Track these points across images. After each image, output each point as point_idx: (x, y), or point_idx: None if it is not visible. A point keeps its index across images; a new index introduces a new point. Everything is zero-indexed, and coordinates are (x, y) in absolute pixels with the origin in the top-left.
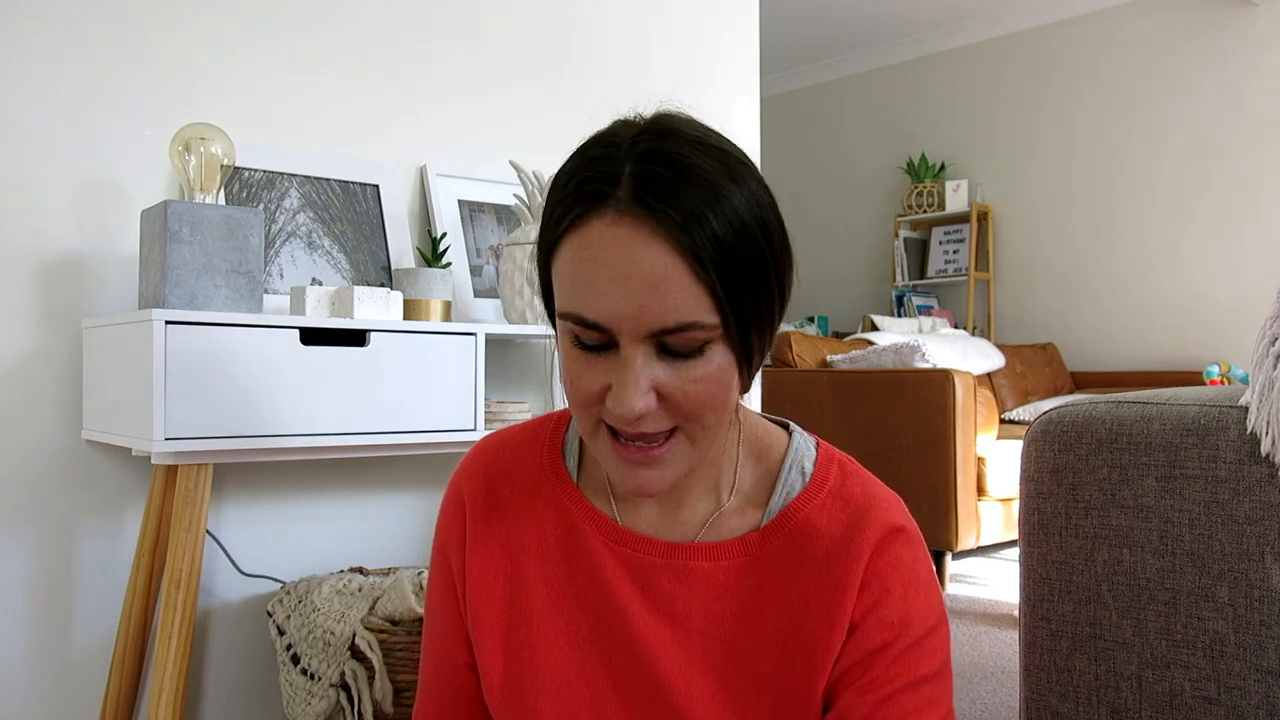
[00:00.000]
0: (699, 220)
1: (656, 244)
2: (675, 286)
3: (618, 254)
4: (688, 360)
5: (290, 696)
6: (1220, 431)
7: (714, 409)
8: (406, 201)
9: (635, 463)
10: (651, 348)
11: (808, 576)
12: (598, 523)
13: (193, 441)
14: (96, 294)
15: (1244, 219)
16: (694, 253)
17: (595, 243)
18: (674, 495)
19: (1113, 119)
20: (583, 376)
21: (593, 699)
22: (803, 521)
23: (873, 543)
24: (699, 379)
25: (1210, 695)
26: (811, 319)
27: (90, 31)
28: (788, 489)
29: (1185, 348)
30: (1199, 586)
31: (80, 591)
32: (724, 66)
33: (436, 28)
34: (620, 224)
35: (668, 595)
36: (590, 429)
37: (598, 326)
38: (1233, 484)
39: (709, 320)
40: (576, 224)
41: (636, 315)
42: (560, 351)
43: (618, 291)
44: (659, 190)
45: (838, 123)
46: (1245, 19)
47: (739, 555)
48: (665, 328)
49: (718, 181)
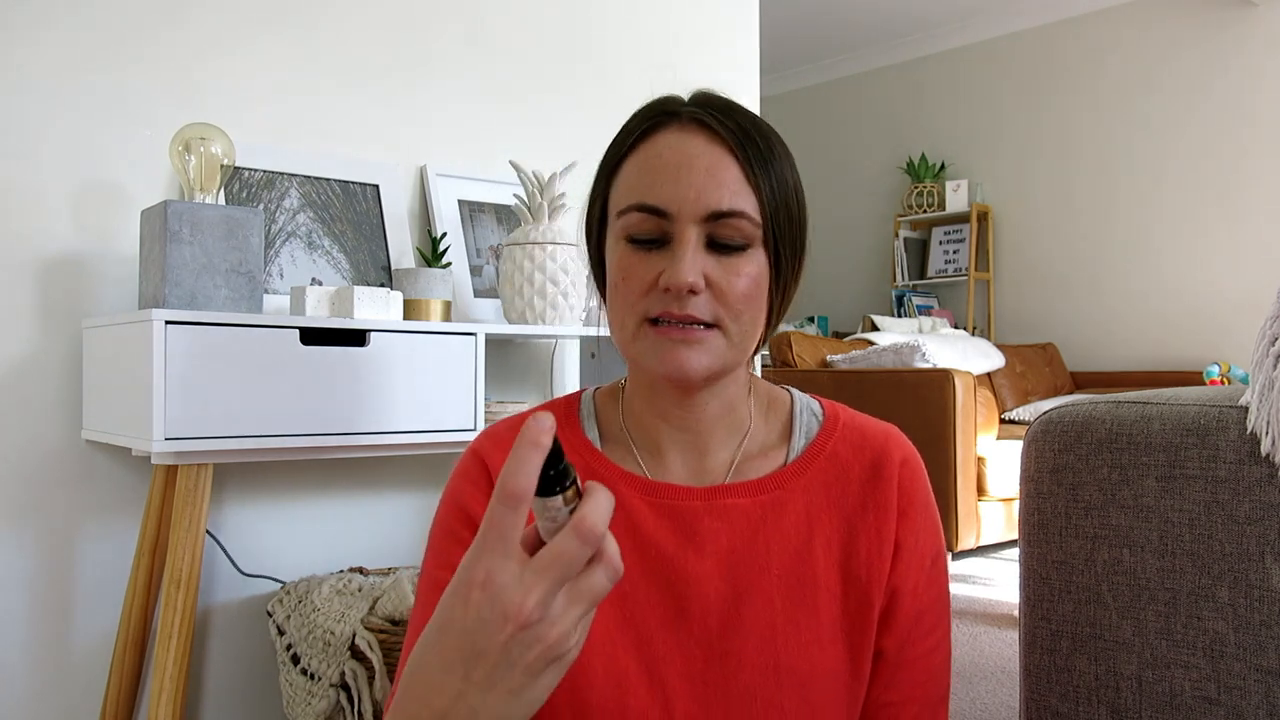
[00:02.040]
0: (749, 136)
1: (715, 145)
2: (729, 177)
3: (680, 150)
4: (732, 255)
5: (290, 696)
6: (1220, 431)
7: (750, 307)
8: (406, 201)
9: (677, 341)
10: (702, 237)
11: (850, 502)
12: (630, 481)
13: (193, 441)
14: (96, 294)
15: (1244, 219)
16: (745, 158)
17: (660, 146)
18: (697, 445)
19: (1113, 119)
20: (636, 268)
21: (639, 650)
22: (831, 453)
23: (897, 468)
24: (741, 273)
25: (1210, 695)
26: (811, 319)
27: (90, 31)
28: (807, 429)
29: (1185, 348)
30: (1199, 586)
31: (80, 591)
32: (724, 66)
33: (437, 28)
34: (684, 131)
35: (713, 533)
36: (634, 328)
37: (658, 210)
38: (1233, 484)
39: (755, 216)
40: (642, 139)
41: (695, 198)
42: (612, 265)
43: (680, 178)
44: (715, 110)
45: (838, 123)
46: (1246, 20)
47: (774, 489)
48: (719, 210)
49: (761, 122)
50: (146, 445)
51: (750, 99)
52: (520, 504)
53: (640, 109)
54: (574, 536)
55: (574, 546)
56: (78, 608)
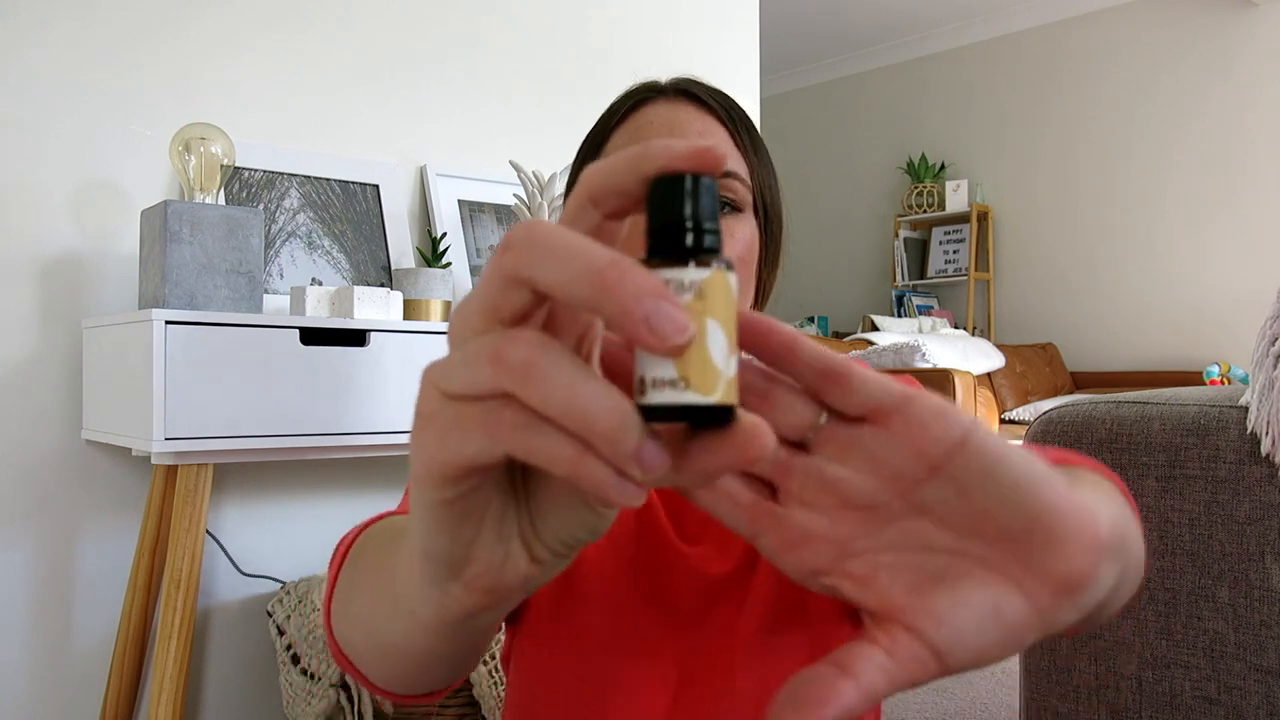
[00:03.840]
0: (736, 110)
1: (704, 114)
2: (718, 139)
3: (670, 118)
4: (725, 217)
5: (290, 696)
6: (1220, 431)
7: (744, 271)
8: (406, 201)
9: None
10: None
11: None
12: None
13: (193, 441)
14: (96, 294)
15: (1244, 219)
16: (734, 129)
17: (649, 116)
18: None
19: (1113, 119)
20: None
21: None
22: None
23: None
24: (735, 235)
25: (1210, 695)
26: (811, 319)
27: (91, 32)
28: None
29: (1185, 348)
30: (1199, 586)
31: (80, 591)
32: (724, 66)
33: (437, 28)
34: (671, 103)
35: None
36: None
37: None
38: (1233, 484)
39: (746, 179)
40: (630, 112)
41: None
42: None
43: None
44: (699, 86)
45: (838, 123)
46: (1248, 21)
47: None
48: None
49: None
50: (146, 445)
51: (750, 99)
52: (587, 206)
53: (624, 91)
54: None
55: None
56: (78, 608)
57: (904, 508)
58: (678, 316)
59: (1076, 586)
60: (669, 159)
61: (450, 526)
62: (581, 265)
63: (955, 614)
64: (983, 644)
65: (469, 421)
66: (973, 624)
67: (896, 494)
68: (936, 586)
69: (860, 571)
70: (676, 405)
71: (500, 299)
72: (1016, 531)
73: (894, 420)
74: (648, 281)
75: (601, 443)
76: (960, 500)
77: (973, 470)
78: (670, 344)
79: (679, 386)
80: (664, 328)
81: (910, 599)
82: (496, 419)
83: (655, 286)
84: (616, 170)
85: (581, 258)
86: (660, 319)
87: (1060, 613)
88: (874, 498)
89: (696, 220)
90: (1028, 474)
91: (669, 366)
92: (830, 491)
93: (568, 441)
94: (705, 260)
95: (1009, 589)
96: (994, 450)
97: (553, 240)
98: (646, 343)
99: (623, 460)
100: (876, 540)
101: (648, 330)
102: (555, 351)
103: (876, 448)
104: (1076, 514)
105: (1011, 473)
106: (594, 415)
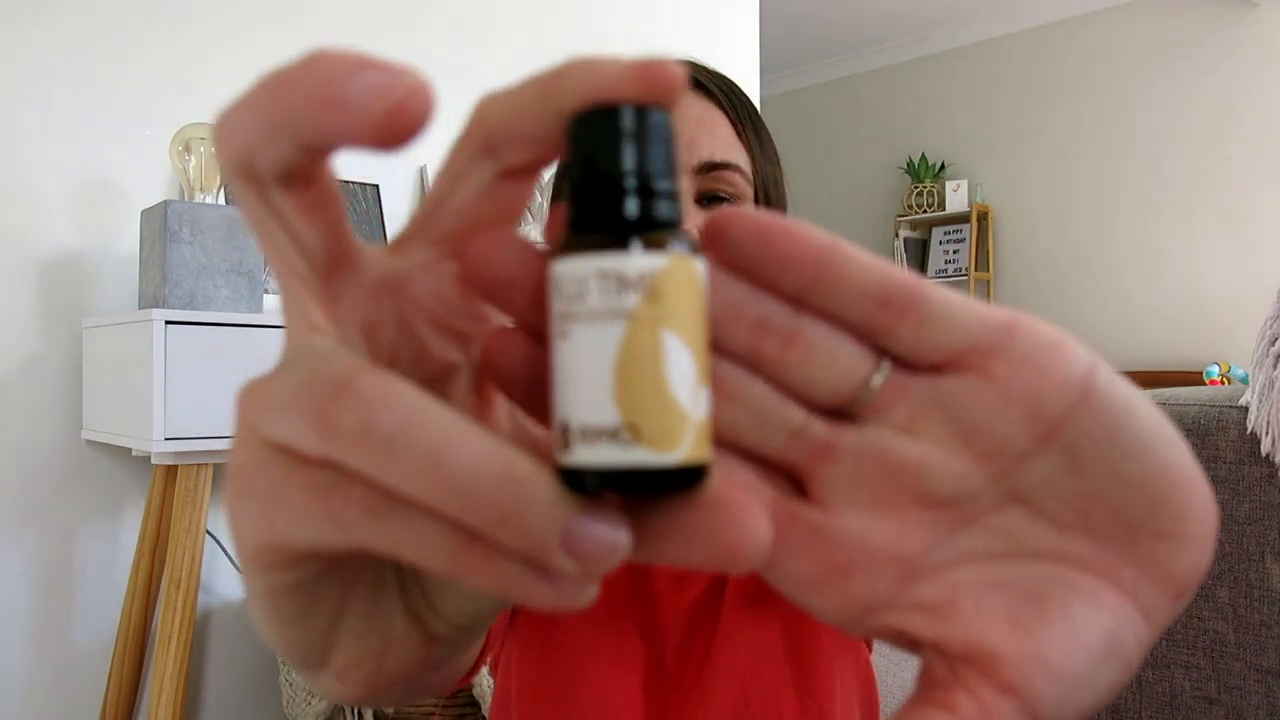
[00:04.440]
0: (739, 97)
1: (704, 99)
2: (720, 127)
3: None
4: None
5: (290, 696)
6: (1220, 431)
7: None
8: (406, 201)
9: None
10: (692, 191)
11: None
12: None
13: (193, 441)
14: (96, 294)
15: (1244, 219)
16: (736, 117)
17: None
18: None
19: (1113, 119)
20: None
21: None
22: None
23: None
24: None
25: (1210, 695)
26: None
27: (90, 32)
28: None
29: (1185, 348)
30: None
31: (80, 591)
32: (724, 67)
33: (436, 27)
34: None
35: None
36: None
37: None
38: (1233, 484)
39: (747, 171)
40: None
41: (687, 147)
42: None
43: None
44: (700, 69)
45: (838, 123)
46: (1247, 20)
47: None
48: (712, 160)
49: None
50: (146, 445)
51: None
52: (478, 157)
53: None
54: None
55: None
56: (78, 608)
57: (995, 496)
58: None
59: (1192, 588)
60: (598, 84)
61: (294, 618)
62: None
63: (1072, 657)
64: (1095, 696)
65: (303, 495)
66: (1087, 666)
67: (992, 476)
68: (1043, 614)
69: (935, 598)
70: (617, 469)
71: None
72: (1136, 517)
73: (995, 363)
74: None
75: (499, 530)
76: (1070, 478)
77: (1097, 431)
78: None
79: (621, 438)
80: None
81: (1010, 637)
82: (342, 498)
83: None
84: (521, 102)
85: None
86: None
87: (1163, 627)
88: (963, 485)
89: (642, 176)
90: (1158, 434)
91: (607, 405)
92: (897, 481)
93: (447, 532)
94: (658, 239)
95: (1124, 604)
96: (1122, 399)
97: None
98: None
99: (540, 550)
100: (954, 549)
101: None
102: (406, 402)
103: (969, 407)
104: (1203, 488)
105: (1142, 433)
106: (476, 490)
